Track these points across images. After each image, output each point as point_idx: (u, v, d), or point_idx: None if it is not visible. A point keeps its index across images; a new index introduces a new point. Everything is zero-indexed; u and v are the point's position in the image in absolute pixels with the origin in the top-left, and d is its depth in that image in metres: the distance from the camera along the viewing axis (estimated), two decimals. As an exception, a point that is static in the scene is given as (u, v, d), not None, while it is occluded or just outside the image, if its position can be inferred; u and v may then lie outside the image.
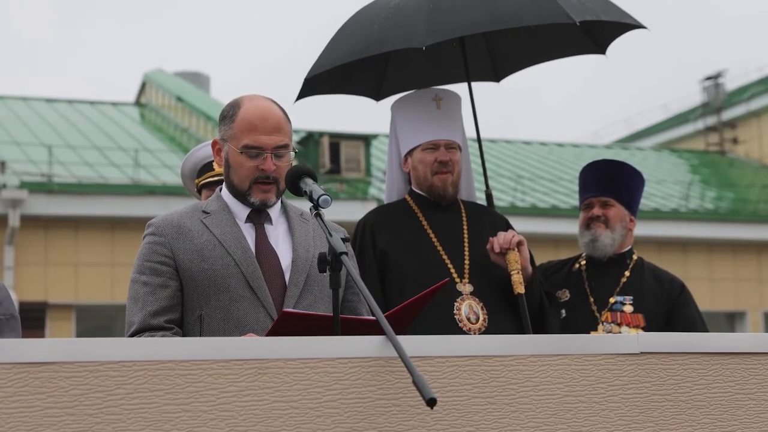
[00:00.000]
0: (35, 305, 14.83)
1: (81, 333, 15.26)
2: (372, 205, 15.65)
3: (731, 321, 19.12)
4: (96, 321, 15.94)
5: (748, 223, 19.26)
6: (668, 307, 4.34)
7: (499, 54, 4.78)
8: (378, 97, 4.72)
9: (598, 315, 4.31)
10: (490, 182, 4.54)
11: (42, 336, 14.45)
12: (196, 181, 3.91)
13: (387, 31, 4.01)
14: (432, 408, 2.15)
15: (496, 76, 4.87)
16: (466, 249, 4.02)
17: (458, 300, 3.88)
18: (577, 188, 4.60)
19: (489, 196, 4.46)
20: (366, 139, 18.67)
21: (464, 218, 4.09)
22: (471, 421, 2.42)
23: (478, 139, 4.46)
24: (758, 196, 20.58)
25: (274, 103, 3.12)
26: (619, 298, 4.33)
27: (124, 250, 14.90)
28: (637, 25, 4.30)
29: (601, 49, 4.61)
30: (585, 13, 4.05)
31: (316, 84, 4.34)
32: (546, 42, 4.69)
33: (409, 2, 4.09)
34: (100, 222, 15.30)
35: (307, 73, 4.25)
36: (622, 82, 72.82)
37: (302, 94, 4.36)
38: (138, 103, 22.64)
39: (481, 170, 4.56)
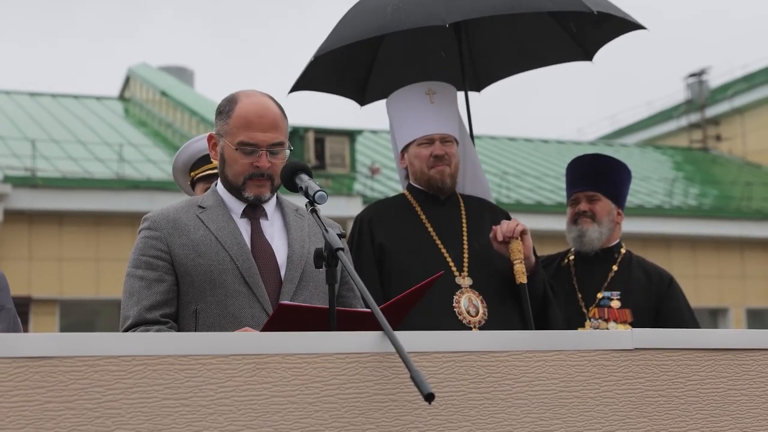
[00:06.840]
0: (19, 300, 14.69)
1: (65, 328, 15.22)
2: (357, 201, 15.68)
3: (714, 317, 19.23)
4: (80, 316, 15.90)
5: (732, 220, 19.38)
6: (657, 301, 4.33)
7: (483, 62, 4.76)
8: (363, 101, 4.72)
9: (585, 311, 4.31)
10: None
11: (25, 331, 14.39)
12: (192, 174, 3.89)
13: (403, 12, 3.98)
14: (430, 403, 2.16)
15: (478, 85, 4.84)
16: (465, 242, 4.01)
17: (457, 293, 3.88)
18: (562, 185, 4.63)
19: None
20: (351, 135, 18.68)
21: (463, 212, 4.09)
22: (467, 416, 2.44)
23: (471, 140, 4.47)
24: (741, 193, 20.69)
25: (271, 99, 3.10)
26: (607, 294, 4.33)
27: (108, 244, 14.85)
28: (638, 26, 4.32)
29: (588, 56, 4.63)
30: (598, 4, 4.09)
31: (311, 79, 4.33)
32: (533, 48, 4.69)
33: None
34: (84, 217, 15.26)
35: (315, 52, 4.19)
36: (607, 79, 73.04)
37: (296, 87, 4.37)
38: (122, 97, 22.57)
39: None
